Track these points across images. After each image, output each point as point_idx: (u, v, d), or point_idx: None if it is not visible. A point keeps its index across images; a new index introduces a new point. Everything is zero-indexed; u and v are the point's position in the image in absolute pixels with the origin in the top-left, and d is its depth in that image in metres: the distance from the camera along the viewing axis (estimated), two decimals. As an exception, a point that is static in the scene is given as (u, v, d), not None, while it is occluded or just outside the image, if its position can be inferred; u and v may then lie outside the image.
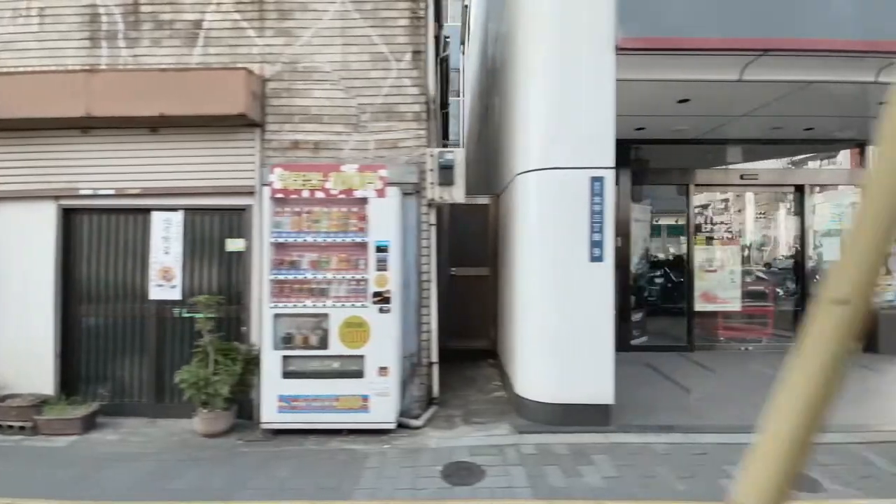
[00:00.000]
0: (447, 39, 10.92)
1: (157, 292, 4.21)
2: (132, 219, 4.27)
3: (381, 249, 3.69)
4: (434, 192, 4.09)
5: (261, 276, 3.84)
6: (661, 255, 7.58)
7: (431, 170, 4.07)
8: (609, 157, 3.84)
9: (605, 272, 3.82)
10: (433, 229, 4.22)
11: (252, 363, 3.87)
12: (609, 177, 3.84)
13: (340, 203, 3.76)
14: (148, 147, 4.17)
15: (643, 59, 4.01)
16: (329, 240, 3.75)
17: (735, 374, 5.35)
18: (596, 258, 3.81)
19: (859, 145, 6.39)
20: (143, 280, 4.23)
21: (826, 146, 6.56)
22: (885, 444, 3.52)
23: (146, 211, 4.22)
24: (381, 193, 3.70)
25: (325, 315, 3.72)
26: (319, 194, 3.72)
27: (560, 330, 3.83)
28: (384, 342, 3.70)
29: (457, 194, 4.13)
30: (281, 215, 3.78)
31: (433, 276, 4.23)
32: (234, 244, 4.19)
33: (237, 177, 4.13)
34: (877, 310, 6.22)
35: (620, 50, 3.84)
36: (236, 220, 4.20)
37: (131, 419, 4.17)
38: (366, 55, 4.14)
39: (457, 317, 5.86)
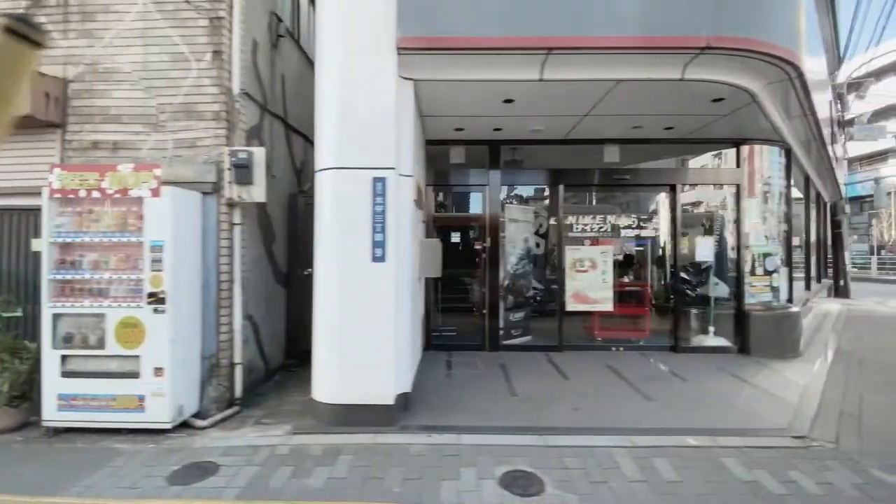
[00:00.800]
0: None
1: (-35, 292, 4.25)
2: (-56, 219, 4.32)
3: (155, 249, 3.69)
4: (232, 192, 4.09)
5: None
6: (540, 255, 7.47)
7: (229, 169, 4.07)
8: (391, 158, 3.82)
9: (388, 272, 3.80)
10: (237, 229, 4.23)
11: (42, 362, 3.89)
12: (391, 177, 3.82)
13: (121, 203, 3.77)
14: (-45, 148, 4.21)
15: (442, 59, 3.98)
16: (106, 239, 3.76)
17: (583, 375, 5.29)
18: (378, 258, 3.79)
19: (736, 144, 6.29)
20: (-45, 279, 4.28)
21: (705, 146, 6.47)
22: (650, 448, 3.46)
23: (-44, 211, 4.26)
24: (155, 193, 3.70)
25: (103, 315, 3.73)
26: (96, 194, 3.73)
27: (343, 330, 3.82)
28: (159, 343, 3.69)
29: (256, 194, 4.13)
30: (63, 215, 3.80)
31: (236, 276, 4.22)
32: (38, 244, 4.21)
33: (40, 177, 4.14)
34: (749, 311, 6.14)
35: (402, 50, 3.82)
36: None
37: (-58, 417, 4.22)
38: (166, 55, 4.16)
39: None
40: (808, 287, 8.73)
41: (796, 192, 9.00)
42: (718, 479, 3.07)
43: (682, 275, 6.55)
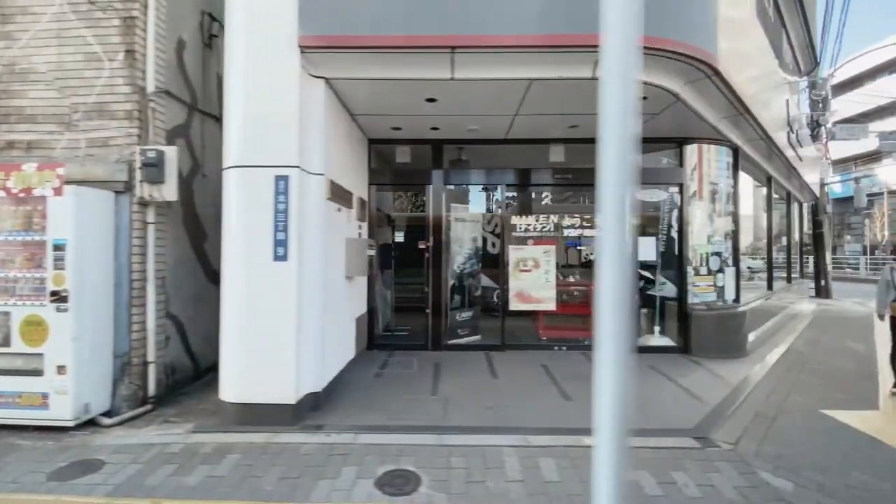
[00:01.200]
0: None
1: None
2: None
3: (58, 248, 3.72)
4: (143, 191, 4.11)
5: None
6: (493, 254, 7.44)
7: (140, 168, 4.09)
8: (294, 156, 3.83)
9: (290, 272, 3.81)
10: (151, 228, 4.24)
11: (-47, 360, 3.93)
12: (294, 175, 3.82)
13: (26, 202, 3.80)
14: None
15: (349, 57, 3.98)
16: (12, 238, 3.79)
17: (514, 374, 5.28)
18: (280, 257, 3.80)
19: (680, 143, 6.25)
20: None
21: (648, 145, 6.42)
22: (542, 448, 3.45)
23: None
24: (58, 192, 3.72)
25: (8, 313, 3.76)
26: (1, 193, 3.76)
27: (245, 329, 3.83)
28: (62, 341, 3.71)
29: (167, 193, 4.14)
30: (-29, 214, 3.83)
31: (150, 275, 4.24)
32: (-45, 243, 4.25)
33: (-43, 176, 4.19)
34: (691, 310, 6.11)
35: (305, 49, 3.83)
36: (-42, 219, 4.26)
37: None
38: (80, 55, 4.18)
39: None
40: (770, 287, 8.65)
41: (762, 191, 8.93)
42: (597, 480, 3.05)
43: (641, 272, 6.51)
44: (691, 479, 3.09)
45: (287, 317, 3.79)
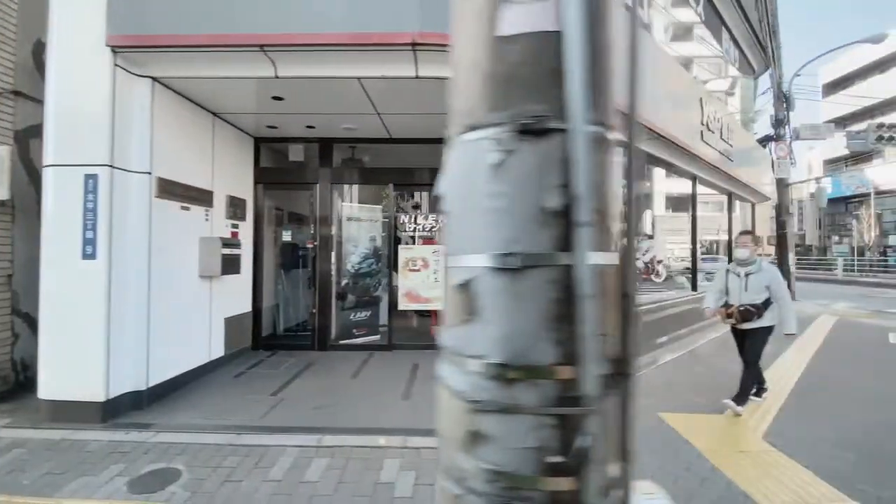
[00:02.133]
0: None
1: None
2: None
3: None
4: (-24, 190, 4.16)
5: None
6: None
7: (-29, 168, 4.14)
8: (104, 155, 3.84)
9: (99, 270, 3.83)
10: (-13, 227, 4.29)
11: None
12: (104, 174, 3.84)
13: None
14: None
15: (167, 56, 3.98)
16: None
17: (376, 374, 5.27)
18: (88, 256, 3.82)
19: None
20: None
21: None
22: (329, 448, 3.43)
23: None
24: None
25: None
26: None
27: (56, 326, 3.85)
28: None
29: (-2, 192, 4.19)
30: None
31: (-14, 272, 4.29)
32: None
33: None
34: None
35: (116, 48, 3.84)
36: None
37: None
38: (-82, 56, 4.25)
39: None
40: (694, 288, 8.53)
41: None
42: (354, 481, 3.02)
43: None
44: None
45: (96, 314, 3.81)
